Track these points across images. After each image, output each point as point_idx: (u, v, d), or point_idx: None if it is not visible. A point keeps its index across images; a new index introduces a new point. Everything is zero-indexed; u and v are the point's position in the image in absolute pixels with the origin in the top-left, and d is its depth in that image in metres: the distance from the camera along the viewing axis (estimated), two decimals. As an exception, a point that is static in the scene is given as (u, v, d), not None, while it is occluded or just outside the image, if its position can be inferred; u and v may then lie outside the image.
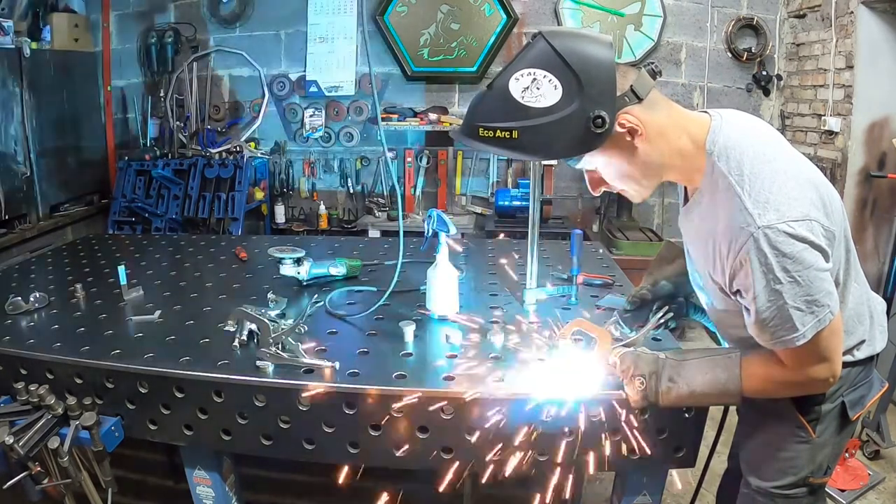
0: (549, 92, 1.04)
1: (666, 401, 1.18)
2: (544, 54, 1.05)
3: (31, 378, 1.47)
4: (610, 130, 1.05)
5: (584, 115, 1.03)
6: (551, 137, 1.05)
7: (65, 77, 4.07)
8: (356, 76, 4.30)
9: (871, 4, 3.20)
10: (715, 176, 1.10)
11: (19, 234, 3.64)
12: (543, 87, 1.04)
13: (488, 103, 1.09)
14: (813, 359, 1.09)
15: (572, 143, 1.06)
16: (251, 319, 1.45)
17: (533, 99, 1.04)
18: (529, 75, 1.04)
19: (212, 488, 1.52)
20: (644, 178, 1.15)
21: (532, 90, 1.04)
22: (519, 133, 1.05)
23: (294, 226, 4.44)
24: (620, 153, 1.11)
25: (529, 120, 1.04)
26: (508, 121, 1.05)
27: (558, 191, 4.25)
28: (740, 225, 1.03)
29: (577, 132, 1.04)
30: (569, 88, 1.03)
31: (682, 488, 1.52)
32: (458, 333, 1.54)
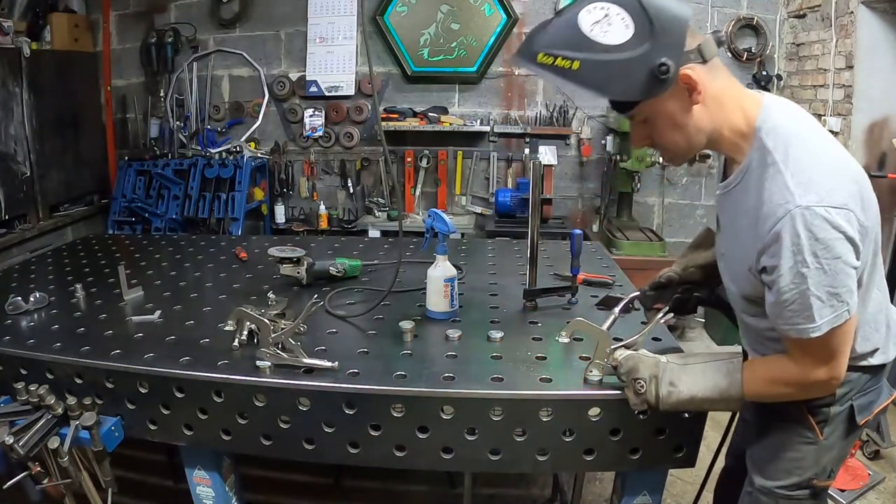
0: (619, 30, 1.02)
1: (666, 405, 1.18)
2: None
3: (31, 378, 1.47)
4: (672, 81, 1.04)
5: (649, 61, 1.01)
6: (613, 76, 1.03)
7: (65, 77, 4.07)
8: (356, 76, 4.31)
9: (871, 4, 3.20)
10: (761, 152, 1.09)
11: (19, 234, 3.64)
12: (615, 24, 1.02)
13: (553, 30, 1.06)
14: (820, 356, 1.08)
15: (633, 85, 1.04)
16: (251, 319, 1.45)
17: (602, 34, 1.02)
18: (602, 10, 1.02)
19: (212, 488, 1.51)
20: (690, 141, 1.14)
21: (603, 25, 1.02)
22: (581, 65, 1.03)
23: (294, 226, 4.44)
24: (675, 108, 1.10)
25: (594, 54, 1.02)
26: (572, 51, 1.03)
27: (558, 191, 4.25)
28: (779, 201, 1.02)
29: (640, 76, 1.03)
30: (640, 31, 1.01)
31: (683, 488, 1.52)
32: (458, 333, 1.54)
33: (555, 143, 4.15)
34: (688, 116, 1.10)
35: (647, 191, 4.29)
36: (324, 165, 4.49)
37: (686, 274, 1.45)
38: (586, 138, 4.26)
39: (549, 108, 4.24)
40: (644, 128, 1.16)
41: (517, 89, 4.30)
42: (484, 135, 4.25)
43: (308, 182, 4.49)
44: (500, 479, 2.51)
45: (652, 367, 1.20)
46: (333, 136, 4.41)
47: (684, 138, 1.13)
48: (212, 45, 4.44)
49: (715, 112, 1.11)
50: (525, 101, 4.31)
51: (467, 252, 2.37)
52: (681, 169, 4.31)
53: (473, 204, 4.44)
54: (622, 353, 1.26)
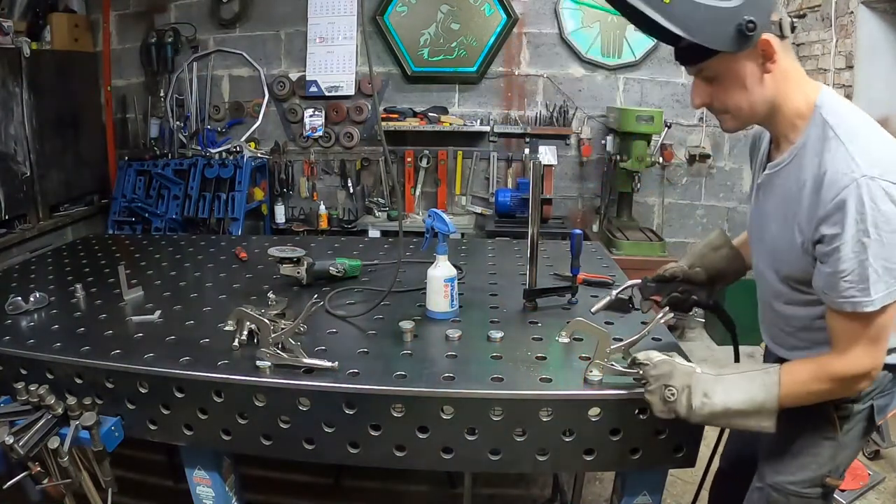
0: None
1: (698, 417, 1.15)
2: None
3: (31, 378, 1.47)
4: (754, 41, 1.05)
5: (739, 15, 1.03)
6: (702, 20, 1.04)
7: (65, 77, 4.07)
8: (356, 76, 4.31)
9: (871, 4, 3.20)
10: (820, 128, 1.10)
11: (19, 234, 3.64)
12: None
13: None
14: (867, 339, 1.08)
15: (718, 35, 1.05)
16: (251, 319, 1.45)
17: None
18: None
19: (212, 488, 1.51)
20: (753, 107, 1.15)
21: None
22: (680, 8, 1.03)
23: (294, 226, 4.44)
24: (747, 71, 1.11)
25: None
26: None
27: (558, 191, 4.25)
28: (844, 170, 1.03)
29: (727, 28, 1.04)
30: None
31: (683, 488, 1.52)
32: (458, 333, 1.54)
33: (555, 143, 4.15)
34: (757, 82, 1.11)
35: (647, 191, 4.29)
36: (324, 165, 4.49)
37: (691, 272, 1.45)
38: (586, 138, 4.26)
39: (549, 108, 4.24)
40: (708, 87, 1.16)
41: (517, 89, 4.30)
42: (484, 135, 4.25)
43: (308, 182, 4.50)
44: (500, 479, 2.51)
45: (686, 376, 1.16)
46: (333, 136, 4.41)
47: (748, 103, 1.14)
48: (212, 45, 4.44)
49: (781, 86, 1.12)
50: (525, 101, 4.31)
51: (467, 252, 2.37)
52: (681, 169, 4.32)
53: (473, 204, 4.44)
54: (656, 354, 1.22)
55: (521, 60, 4.27)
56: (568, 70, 4.25)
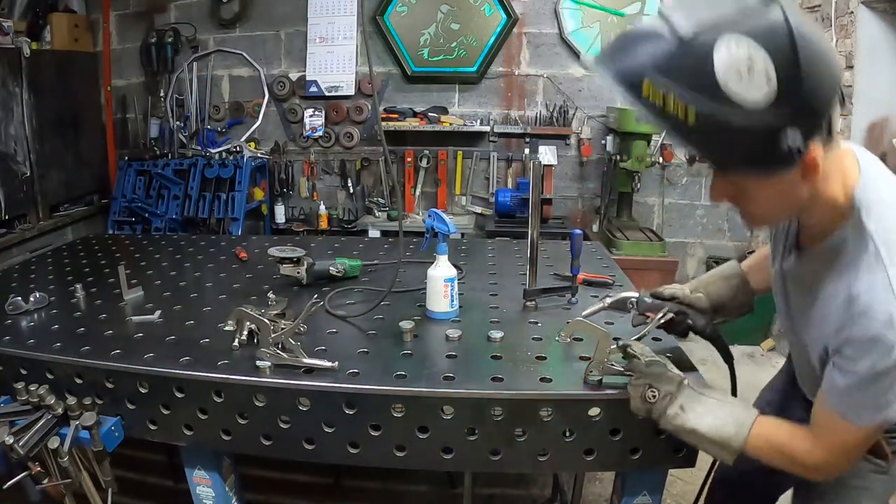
0: (759, 84, 0.79)
1: (668, 425, 1.15)
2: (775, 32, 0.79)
3: (31, 378, 1.47)
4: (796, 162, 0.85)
5: (779, 131, 0.81)
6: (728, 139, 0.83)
7: (65, 77, 4.07)
8: (356, 76, 4.31)
9: (871, 4, 3.20)
10: (859, 233, 0.96)
11: (19, 234, 3.64)
12: (756, 74, 0.79)
13: (674, 57, 0.82)
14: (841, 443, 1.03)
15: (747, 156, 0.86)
16: (251, 319, 1.45)
17: (736, 83, 0.79)
18: (747, 50, 0.79)
19: (212, 488, 1.51)
20: (783, 213, 1.03)
21: (742, 72, 0.79)
22: (696, 118, 0.81)
23: (294, 226, 4.44)
24: (782, 184, 0.92)
25: (718, 105, 0.80)
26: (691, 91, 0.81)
27: (558, 191, 4.25)
28: (881, 302, 0.91)
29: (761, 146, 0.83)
30: (782, 88, 0.79)
31: (683, 488, 1.52)
32: (458, 333, 1.54)
33: (555, 143, 4.15)
34: (791, 192, 0.94)
35: (647, 191, 4.29)
36: (324, 165, 4.49)
37: (692, 297, 1.40)
38: (586, 138, 4.26)
39: (549, 108, 4.24)
40: (731, 188, 0.97)
41: (517, 89, 4.30)
42: (484, 135, 4.25)
43: (308, 182, 4.50)
44: (500, 479, 2.51)
45: (672, 383, 1.16)
46: (333, 136, 4.41)
47: (776, 210, 1.00)
48: (212, 45, 4.44)
49: (819, 187, 0.95)
50: (525, 101, 4.31)
51: (467, 252, 2.37)
52: (681, 169, 4.32)
53: (473, 204, 4.44)
54: (650, 352, 1.22)
55: (521, 60, 4.27)
56: (568, 70, 4.25)
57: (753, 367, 3.66)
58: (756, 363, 3.73)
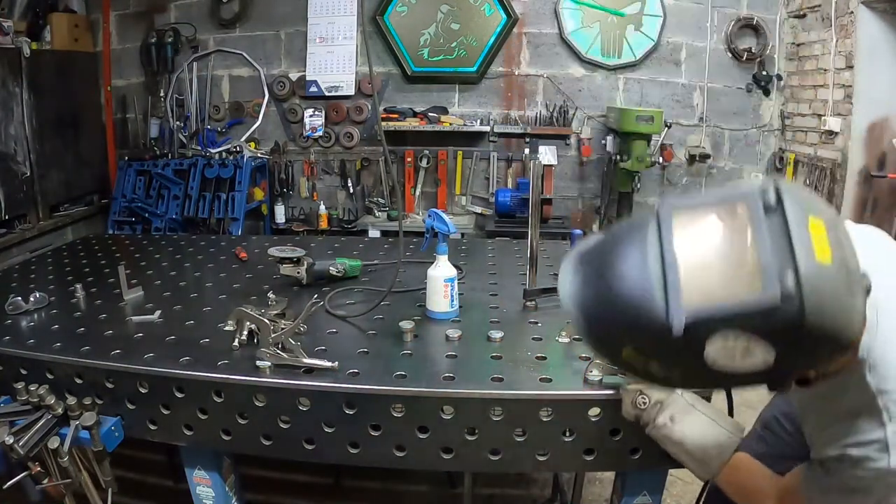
0: (756, 361, 0.72)
1: (654, 432, 1.17)
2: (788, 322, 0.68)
3: (31, 378, 1.47)
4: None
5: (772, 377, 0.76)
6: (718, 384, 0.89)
7: (65, 77, 4.07)
8: (356, 76, 4.31)
9: (871, 4, 3.20)
10: (862, 387, 0.94)
11: (19, 234, 3.64)
12: (754, 356, 0.71)
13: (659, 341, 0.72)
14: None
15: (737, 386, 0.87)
16: (251, 319, 1.45)
17: (729, 364, 0.72)
18: (744, 341, 0.70)
19: (212, 488, 1.51)
20: None
21: (736, 355, 0.71)
22: (682, 377, 0.82)
23: (294, 226, 4.44)
24: None
25: (708, 374, 0.74)
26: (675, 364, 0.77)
27: (558, 191, 4.25)
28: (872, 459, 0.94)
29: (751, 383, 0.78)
30: (785, 358, 0.72)
31: (683, 488, 1.52)
32: (458, 333, 1.54)
33: (555, 143, 4.15)
34: None
35: (647, 191, 4.29)
36: (324, 165, 4.49)
37: None
38: (586, 138, 4.26)
39: (549, 108, 4.24)
40: None
41: (517, 89, 4.30)
42: (484, 135, 4.25)
43: (308, 182, 4.50)
44: (500, 479, 2.51)
45: (664, 392, 1.17)
46: (333, 136, 4.41)
47: None
48: (212, 45, 4.44)
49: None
50: (525, 101, 4.31)
51: (467, 252, 2.37)
52: (681, 169, 4.32)
53: (473, 204, 4.44)
54: None
55: (521, 60, 4.27)
56: (568, 70, 4.25)
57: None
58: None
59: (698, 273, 0.71)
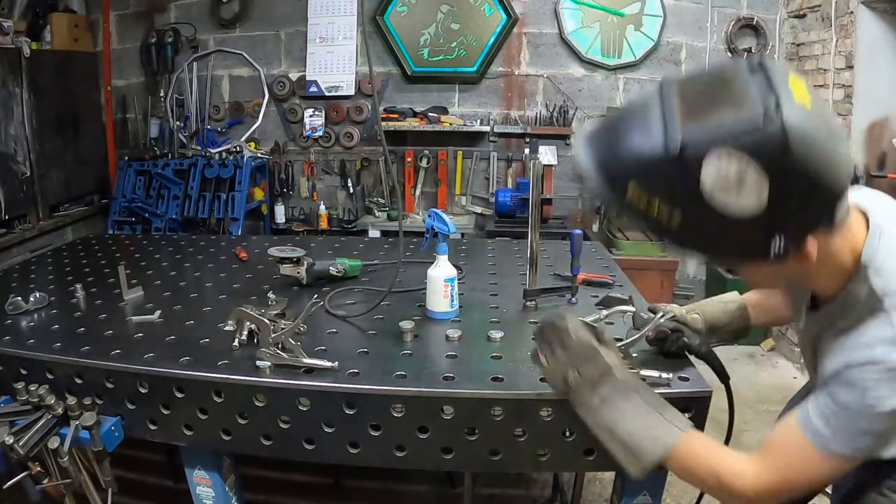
0: (748, 196, 0.77)
1: (582, 412, 1.11)
2: (771, 146, 0.75)
3: (31, 378, 1.47)
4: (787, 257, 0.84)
5: (771, 234, 0.81)
6: (716, 241, 0.84)
7: (65, 77, 4.07)
8: (356, 76, 4.31)
9: (871, 4, 3.20)
10: (866, 293, 0.93)
11: (19, 234, 3.64)
12: (746, 188, 0.77)
13: (661, 166, 0.80)
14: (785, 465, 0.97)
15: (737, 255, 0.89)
16: (251, 319, 1.45)
17: (724, 195, 0.78)
18: (738, 164, 0.76)
19: (212, 488, 1.51)
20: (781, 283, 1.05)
21: (731, 186, 0.77)
22: (681, 222, 0.82)
23: (294, 226, 4.44)
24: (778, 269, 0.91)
25: (704, 213, 0.79)
26: (675, 199, 0.81)
27: (558, 191, 4.25)
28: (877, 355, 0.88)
29: (752, 247, 0.83)
30: (776, 202, 0.77)
31: (683, 488, 1.52)
32: (458, 333, 1.54)
33: (555, 143, 4.15)
34: (789, 272, 0.94)
35: (647, 191, 4.29)
36: (324, 165, 4.49)
37: (687, 316, 1.40)
38: (586, 138, 4.26)
39: (549, 108, 4.24)
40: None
41: (517, 89, 4.30)
42: (484, 135, 4.25)
43: (308, 182, 4.50)
44: (500, 479, 2.51)
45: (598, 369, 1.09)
46: (333, 136, 4.41)
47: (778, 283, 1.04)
48: (212, 45, 4.45)
49: (823, 266, 0.93)
50: (525, 101, 4.31)
51: (467, 252, 2.37)
52: (681, 169, 4.31)
53: (473, 204, 4.44)
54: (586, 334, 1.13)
55: (521, 60, 4.27)
56: (568, 70, 4.25)
57: (753, 367, 3.66)
58: (756, 363, 3.73)
59: (692, 105, 0.81)
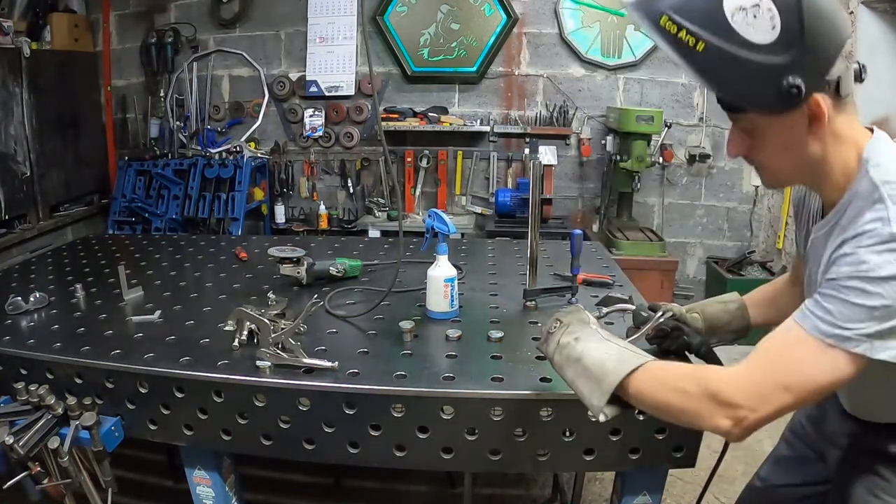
0: (764, 27, 0.89)
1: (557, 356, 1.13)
2: None
3: (31, 378, 1.47)
4: (797, 104, 0.92)
5: (782, 74, 0.90)
6: (735, 75, 0.92)
7: (65, 77, 4.07)
8: (356, 76, 4.31)
9: (871, 4, 3.20)
10: (868, 187, 0.95)
11: (19, 234, 3.64)
12: (762, 18, 0.89)
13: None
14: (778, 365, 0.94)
15: (753, 93, 0.93)
16: (251, 319, 1.45)
17: (744, 24, 0.89)
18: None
19: (212, 488, 1.51)
20: (791, 170, 1.04)
21: (748, 15, 0.89)
22: (705, 47, 0.91)
23: (294, 226, 4.44)
24: (790, 131, 0.98)
25: (726, 43, 0.90)
26: (703, 28, 0.91)
27: (558, 191, 4.25)
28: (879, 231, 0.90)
29: (765, 87, 0.91)
30: (786, 37, 0.89)
31: (683, 488, 1.52)
32: (458, 333, 1.54)
33: (555, 143, 4.15)
34: (801, 143, 0.98)
35: (647, 191, 4.30)
36: (324, 165, 4.49)
37: (688, 315, 1.40)
38: (586, 138, 4.26)
39: (549, 108, 4.24)
40: (746, 139, 1.03)
41: (517, 89, 4.30)
42: (484, 135, 4.25)
43: (308, 182, 4.50)
44: (500, 479, 2.51)
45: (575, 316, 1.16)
46: (333, 136, 4.41)
47: (788, 163, 1.03)
48: (212, 45, 4.44)
49: (830, 149, 0.99)
50: (525, 101, 4.31)
51: (467, 252, 2.37)
52: (681, 169, 4.32)
53: (473, 204, 4.44)
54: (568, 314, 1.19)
55: (521, 60, 4.27)
56: (568, 70, 4.25)
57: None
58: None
59: None
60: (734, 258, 4.26)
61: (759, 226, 4.37)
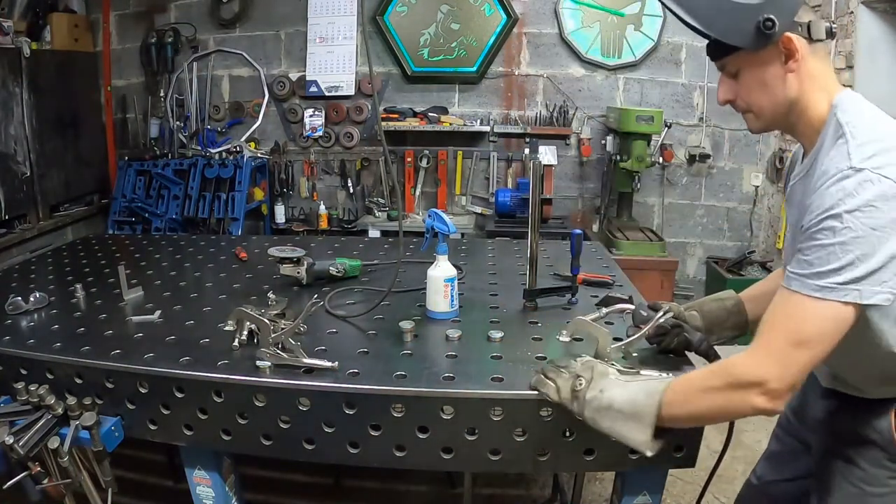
0: None
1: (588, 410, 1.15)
2: None
3: (31, 378, 1.47)
4: (774, 39, 1.05)
5: (759, 12, 1.03)
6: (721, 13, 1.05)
7: (65, 77, 4.07)
8: (356, 76, 4.31)
9: (871, 4, 3.20)
10: (835, 129, 1.06)
11: (19, 234, 3.64)
12: None
13: None
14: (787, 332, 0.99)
15: (736, 31, 1.05)
16: (251, 319, 1.45)
17: None
18: None
19: (212, 488, 1.51)
20: (775, 106, 1.12)
21: None
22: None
23: (294, 226, 4.45)
24: (768, 69, 1.10)
25: None
26: None
27: (558, 191, 4.25)
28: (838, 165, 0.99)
29: (746, 24, 1.04)
30: None
31: (683, 488, 1.52)
32: (458, 333, 1.54)
33: (555, 143, 4.15)
34: (779, 81, 1.09)
35: (647, 191, 4.30)
36: (324, 165, 4.50)
37: (686, 314, 1.41)
38: (586, 138, 4.26)
39: (549, 108, 4.24)
40: (732, 84, 1.15)
41: (517, 89, 4.30)
42: (484, 135, 4.25)
43: (308, 182, 4.50)
44: (500, 479, 2.51)
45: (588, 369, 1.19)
46: (333, 136, 4.41)
47: (769, 102, 1.12)
48: (212, 45, 4.45)
49: (806, 88, 1.09)
50: (525, 101, 4.31)
51: (467, 252, 2.37)
52: (681, 169, 4.32)
53: (473, 204, 4.44)
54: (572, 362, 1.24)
55: (521, 60, 4.27)
56: (568, 70, 4.25)
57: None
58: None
59: None
60: (734, 258, 4.27)
61: (759, 226, 4.37)
